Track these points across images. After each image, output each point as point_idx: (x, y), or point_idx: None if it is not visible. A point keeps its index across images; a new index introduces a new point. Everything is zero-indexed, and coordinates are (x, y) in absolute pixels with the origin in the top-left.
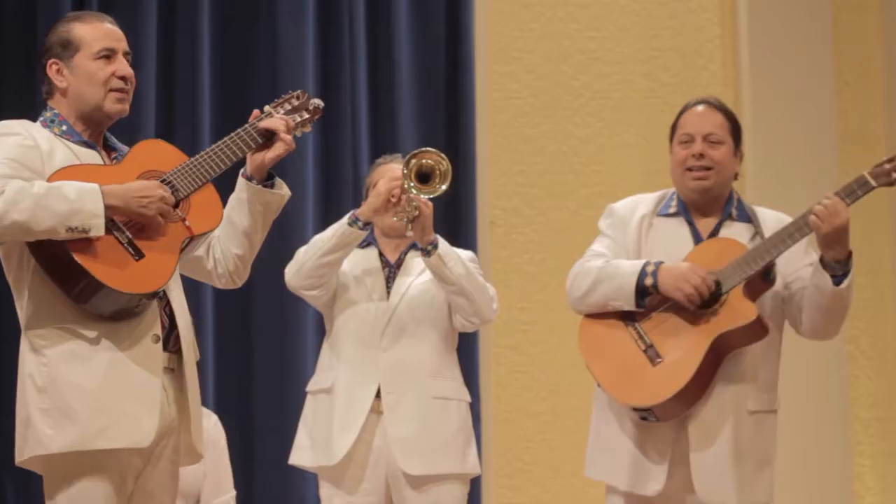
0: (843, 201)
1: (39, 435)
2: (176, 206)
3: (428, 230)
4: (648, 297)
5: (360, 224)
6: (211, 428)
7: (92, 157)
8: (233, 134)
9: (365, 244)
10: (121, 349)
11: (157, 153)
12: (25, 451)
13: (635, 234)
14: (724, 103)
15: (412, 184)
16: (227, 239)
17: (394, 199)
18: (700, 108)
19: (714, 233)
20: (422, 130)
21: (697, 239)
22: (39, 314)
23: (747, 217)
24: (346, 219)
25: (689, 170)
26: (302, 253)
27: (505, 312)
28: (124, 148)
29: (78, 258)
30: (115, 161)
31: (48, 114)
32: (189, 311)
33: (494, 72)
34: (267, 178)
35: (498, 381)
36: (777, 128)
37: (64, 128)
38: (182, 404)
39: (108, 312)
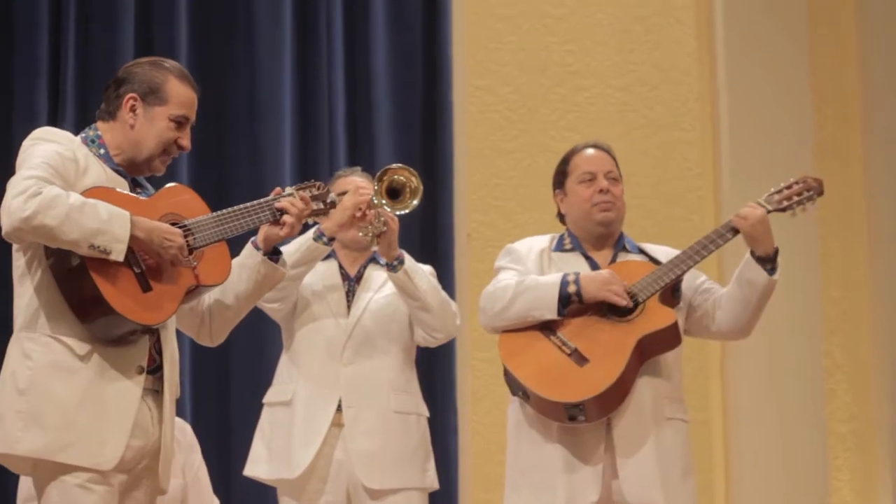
0: (759, 206)
1: (8, 434)
2: (189, 252)
3: (394, 245)
4: (569, 307)
5: (324, 239)
6: (188, 433)
7: (121, 185)
8: (256, 203)
9: (324, 257)
10: (105, 372)
11: (183, 199)
12: None
13: (536, 266)
14: (609, 146)
15: (384, 201)
16: (221, 299)
17: (359, 214)
18: (591, 150)
19: (611, 264)
20: (398, 143)
21: (596, 269)
22: (37, 319)
23: (638, 249)
24: (310, 233)
25: (595, 205)
26: None
27: (480, 325)
28: (150, 187)
29: (94, 276)
30: (139, 196)
31: (91, 133)
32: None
33: (471, 84)
34: (273, 252)
35: (474, 394)
36: (754, 141)
37: (101, 151)
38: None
39: (104, 335)
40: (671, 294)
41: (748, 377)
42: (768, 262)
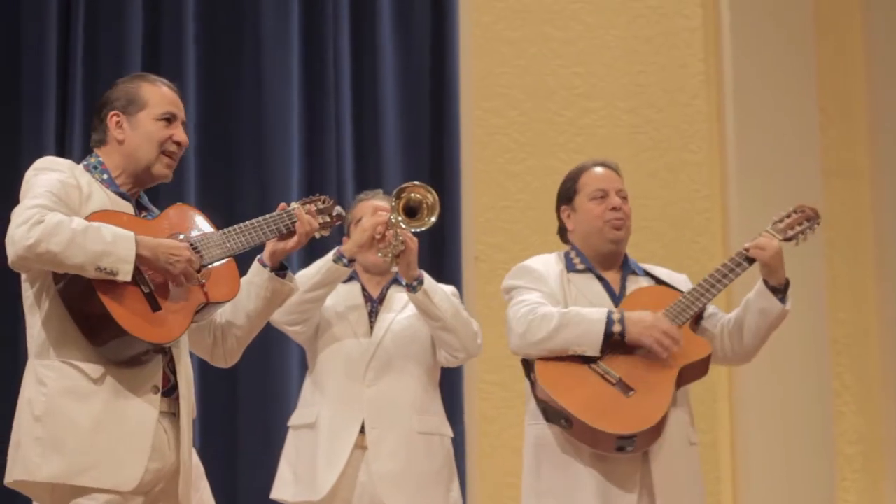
0: (773, 237)
1: (27, 461)
2: (198, 271)
3: (413, 265)
4: (610, 343)
5: (344, 261)
6: (193, 456)
7: (126, 208)
8: (262, 219)
9: (347, 279)
10: (120, 393)
11: (188, 218)
12: (13, 474)
13: (558, 287)
14: (617, 165)
15: (400, 218)
16: (232, 318)
17: (378, 236)
18: (601, 169)
19: (623, 286)
20: (406, 166)
21: (611, 293)
22: (49, 346)
23: (643, 271)
24: (330, 255)
25: (607, 222)
26: None
27: (490, 348)
28: (155, 210)
29: (102, 298)
30: (145, 217)
31: (92, 160)
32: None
33: (479, 107)
34: (280, 268)
35: (483, 417)
36: (762, 162)
37: (105, 176)
38: (178, 455)
39: (116, 357)
40: (695, 321)
41: (756, 399)
42: (779, 291)
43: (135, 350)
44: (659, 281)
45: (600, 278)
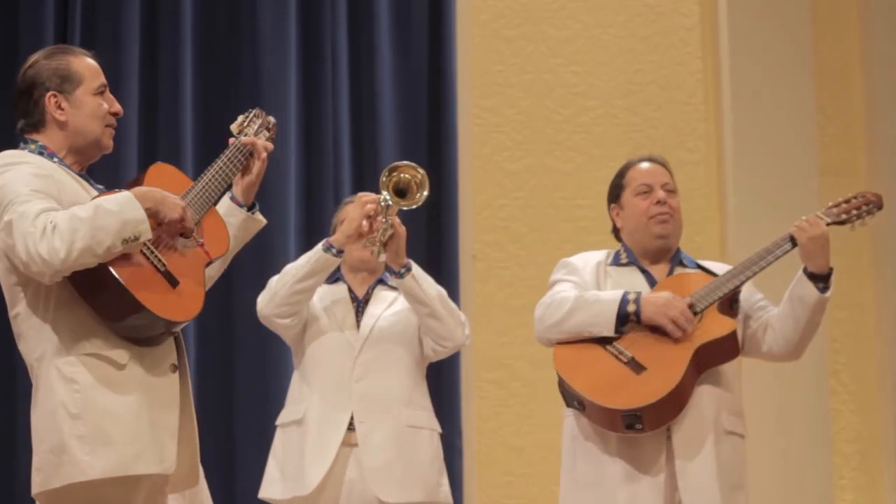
0: (821, 219)
1: (78, 461)
2: (191, 233)
3: (401, 252)
4: (627, 325)
5: (333, 251)
6: None
7: (87, 188)
8: (223, 156)
9: (333, 280)
10: (145, 377)
11: (167, 177)
12: (58, 479)
13: (593, 279)
14: (665, 160)
15: (389, 196)
16: None
17: (366, 224)
18: (647, 164)
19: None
20: None
21: (651, 284)
22: (66, 342)
23: (695, 265)
24: (319, 246)
25: (652, 217)
26: (275, 281)
27: (487, 347)
28: (98, 185)
29: (128, 288)
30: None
31: (33, 146)
32: None
33: (476, 106)
34: (250, 206)
35: (480, 416)
36: (759, 161)
37: (55, 160)
38: (186, 433)
39: (140, 336)
40: (729, 306)
41: (753, 397)
42: (821, 279)
43: (157, 330)
44: (709, 273)
45: (643, 271)
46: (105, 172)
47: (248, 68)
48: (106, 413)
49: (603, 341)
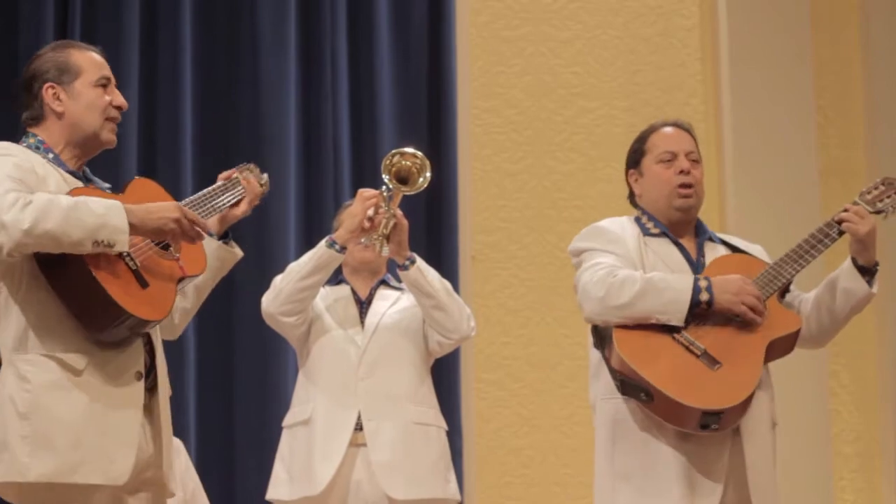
0: (862, 206)
1: (17, 462)
2: (168, 247)
3: (404, 245)
4: (697, 313)
5: (336, 247)
6: (182, 452)
7: (78, 185)
8: (215, 189)
9: (335, 282)
10: (104, 385)
11: (150, 193)
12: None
13: (635, 250)
14: (691, 126)
15: (393, 182)
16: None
17: (368, 218)
18: (671, 129)
19: (700, 253)
20: None
21: (689, 259)
22: (26, 339)
23: (720, 240)
24: (323, 243)
25: (674, 189)
26: (279, 280)
27: (486, 347)
28: (100, 182)
29: (99, 279)
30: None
31: (31, 140)
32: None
33: (476, 107)
34: (224, 236)
35: (479, 416)
36: (759, 162)
37: (50, 156)
38: (157, 441)
39: (111, 339)
40: (780, 297)
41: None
42: (867, 273)
43: (127, 332)
44: (736, 249)
45: (676, 243)
46: (105, 172)
47: (248, 69)
48: (53, 417)
49: (669, 328)
